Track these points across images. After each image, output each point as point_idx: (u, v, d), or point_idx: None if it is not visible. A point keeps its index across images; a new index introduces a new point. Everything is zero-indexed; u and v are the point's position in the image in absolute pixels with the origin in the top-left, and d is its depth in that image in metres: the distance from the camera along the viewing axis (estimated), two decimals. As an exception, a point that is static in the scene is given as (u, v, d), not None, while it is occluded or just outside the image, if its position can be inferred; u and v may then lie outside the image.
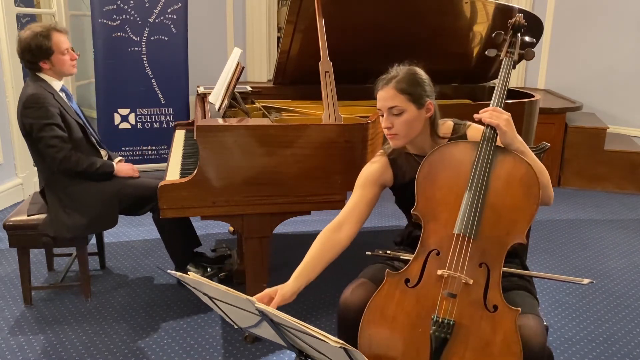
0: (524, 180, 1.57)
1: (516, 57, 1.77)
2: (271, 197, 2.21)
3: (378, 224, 3.82)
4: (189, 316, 2.62)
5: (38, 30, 2.49)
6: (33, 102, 2.44)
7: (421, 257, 1.59)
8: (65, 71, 2.59)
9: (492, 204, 1.56)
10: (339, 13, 2.58)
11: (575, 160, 4.69)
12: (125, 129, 4.61)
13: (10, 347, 2.36)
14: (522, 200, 1.56)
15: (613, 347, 2.45)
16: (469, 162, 1.61)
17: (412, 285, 1.57)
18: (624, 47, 5.17)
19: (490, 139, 1.61)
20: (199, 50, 5.21)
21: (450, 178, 1.62)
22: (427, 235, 1.61)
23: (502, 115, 1.60)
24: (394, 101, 1.68)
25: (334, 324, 2.54)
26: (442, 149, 1.65)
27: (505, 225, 1.56)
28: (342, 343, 1.19)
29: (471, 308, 1.50)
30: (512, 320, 1.47)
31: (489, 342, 1.47)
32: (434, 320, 1.49)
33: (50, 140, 2.46)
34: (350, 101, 2.93)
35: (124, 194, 2.62)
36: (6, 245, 2.72)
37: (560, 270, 3.20)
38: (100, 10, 4.33)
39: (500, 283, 1.52)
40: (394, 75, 1.71)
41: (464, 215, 1.55)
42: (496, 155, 1.60)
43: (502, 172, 1.58)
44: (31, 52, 2.49)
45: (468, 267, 1.53)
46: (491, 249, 1.54)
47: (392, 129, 1.70)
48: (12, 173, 4.10)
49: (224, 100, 2.57)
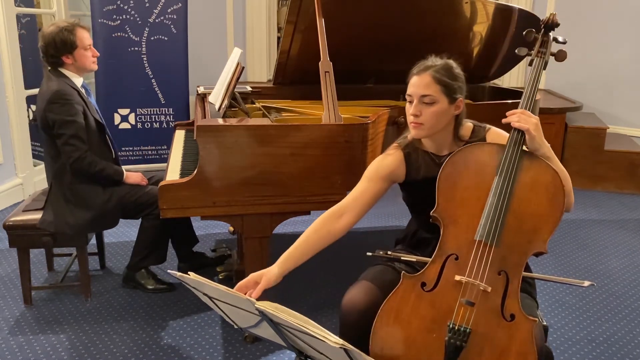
0: (549, 188, 1.53)
1: (547, 57, 1.70)
2: (271, 197, 2.21)
3: (378, 224, 3.82)
4: (189, 316, 2.62)
5: (63, 25, 2.54)
6: (58, 97, 2.47)
7: (439, 261, 1.55)
8: (87, 66, 2.63)
9: (515, 210, 1.51)
10: (339, 13, 2.58)
11: (575, 160, 4.69)
12: (125, 129, 4.61)
13: (10, 347, 2.36)
14: (546, 208, 1.52)
15: (613, 347, 2.45)
16: (493, 165, 1.55)
17: (428, 289, 1.53)
18: (624, 47, 5.17)
19: (517, 143, 1.55)
20: (199, 50, 5.21)
21: (473, 181, 1.57)
22: (446, 239, 1.56)
23: (531, 119, 1.55)
24: (428, 89, 1.60)
25: (334, 324, 2.55)
26: (467, 149, 1.60)
27: (527, 233, 1.51)
28: (342, 343, 1.19)
29: (488, 316, 1.47)
30: (528, 330, 1.44)
31: (504, 351, 1.44)
32: (449, 327, 1.45)
33: (70, 138, 2.49)
34: (350, 101, 2.93)
35: (129, 200, 2.63)
36: (6, 245, 2.72)
37: (560, 270, 3.20)
38: (100, 10, 4.33)
39: (519, 292, 1.49)
40: (432, 64, 1.64)
41: (487, 222, 1.50)
42: (522, 160, 1.55)
43: (527, 178, 1.54)
44: (55, 47, 2.52)
45: (487, 275, 1.49)
46: (511, 257, 1.50)
47: (419, 117, 1.62)
48: (12, 173, 4.10)
49: (224, 100, 2.57)
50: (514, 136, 1.57)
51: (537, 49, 1.70)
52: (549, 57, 1.70)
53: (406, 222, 1.94)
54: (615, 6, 5.14)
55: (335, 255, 3.31)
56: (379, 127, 2.41)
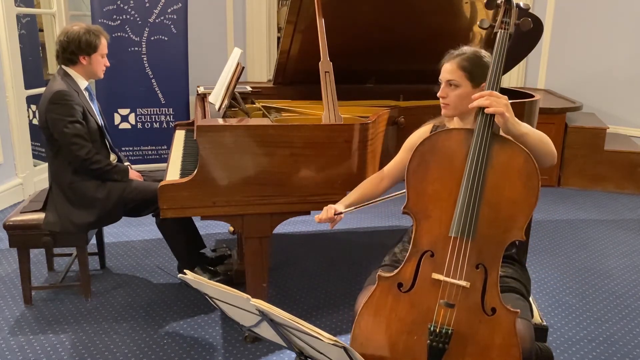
0: (522, 171, 1.46)
1: (512, 28, 1.62)
2: (271, 197, 2.21)
3: (378, 224, 3.82)
4: (189, 316, 2.62)
5: (91, 28, 2.61)
6: (59, 98, 2.49)
7: (414, 258, 1.50)
8: (97, 73, 2.69)
9: (489, 200, 1.46)
10: (339, 13, 2.58)
11: (575, 160, 4.69)
12: (125, 129, 4.61)
13: (10, 347, 2.36)
14: (521, 193, 1.46)
15: (613, 347, 2.45)
16: (463, 153, 1.49)
17: (405, 290, 1.49)
18: (624, 47, 5.17)
19: (486, 127, 1.49)
20: (199, 50, 5.21)
21: (443, 172, 1.50)
22: (420, 235, 1.51)
23: (502, 100, 1.50)
24: (453, 75, 1.75)
25: (334, 324, 2.55)
26: (433, 137, 1.55)
27: (503, 221, 1.46)
28: (335, 340, 1.19)
29: (469, 313, 1.44)
30: (511, 322, 1.43)
31: (487, 346, 1.42)
32: (430, 330, 1.44)
33: (73, 138, 2.51)
34: (350, 101, 2.93)
35: (129, 196, 2.63)
36: (6, 245, 2.72)
37: (561, 270, 3.20)
38: (100, 10, 4.33)
39: (498, 284, 1.46)
40: (460, 52, 1.78)
41: (460, 217, 1.46)
42: (493, 144, 1.48)
43: (499, 163, 1.47)
44: (78, 45, 2.56)
45: (465, 270, 1.45)
46: (488, 249, 1.46)
47: (446, 99, 1.77)
48: (12, 173, 4.10)
49: (224, 100, 2.57)
50: (482, 120, 1.50)
51: (500, 18, 1.63)
52: (513, 29, 1.62)
53: (406, 222, 1.95)
54: (615, 6, 5.13)
55: (336, 255, 3.31)
56: (379, 127, 2.41)
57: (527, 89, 3.83)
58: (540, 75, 5.59)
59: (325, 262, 3.20)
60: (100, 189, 2.59)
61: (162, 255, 3.25)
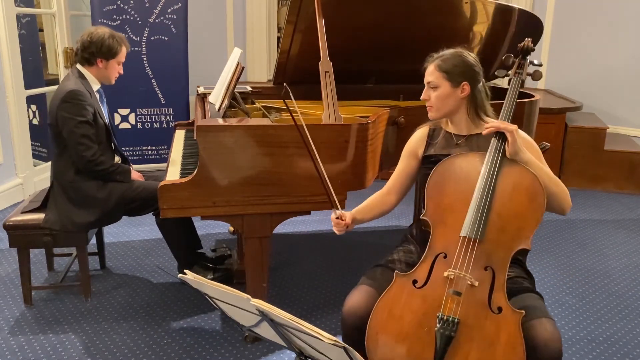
0: (529, 190, 1.63)
1: (524, 77, 1.87)
2: (271, 197, 2.21)
3: (379, 224, 3.82)
4: (189, 316, 2.62)
5: (116, 34, 2.64)
6: (71, 97, 2.51)
7: (429, 259, 1.65)
8: (110, 79, 2.71)
9: (498, 210, 1.62)
10: (339, 13, 2.58)
11: (575, 160, 4.69)
12: (126, 129, 4.61)
13: (10, 347, 2.37)
14: (527, 209, 1.62)
15: (613, 347, 2.45)
16: (477, 172, 1.68)
17: (419, 286, 1.62)
18: (624, 47, 5.17)
19: (498, 149, 1.68)
20: (199, 50, 5.21)
21: (458, 186, 1.69)
22: (435, 239, 1.67)
23: (511, 126, 1.68)
24: (431, 76, 1.80)
25: (334, 324, 2.55)
26: (451, 159, 1.74)
27: (510, 231, 1.61)
28: (335, 340, 1.19)
29: (476, 308, 1.54)
30: (516, 322, 1.51)
31: (493, 342, 1.50)
32: (439, 318, 1.53)
33: (81, 138, 2.52)
34: (350, 101, 2.93)
35: (129, 196, 2.63)
36: (6, 245, 2.72)
37: (561, 270, 3.20)
38: (100, 10, 4.33)
39: (505, 286, 1.57)
40: (440, 54, 1.82)
41: (471, 218, 1.61)
42: (503, 165, 1.67)
43: (508, 180, 1.65)
44: (100, 48, 2.59)
45: (474, 269, 1.57)
46: (497, 253, 1.59)
47: (429, 101, 1.83)
48: (12, 173, 4.10)
49: (224, 100, 2.57)
50: (495, 144, 1.69)
51: (514, 70, 1.88)
52: (525, 77, 1.88)
53: (406, 221, 1.95)
54: (615, 6, 5.14)
55: (336, 255, 3.31)
56: (379, 127, 2.41)
57: (527, 89, 3.83)
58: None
59: (325, 262, 3.21)
60: (102, 189, 2.60)
61: (162, 255, 3.25)
